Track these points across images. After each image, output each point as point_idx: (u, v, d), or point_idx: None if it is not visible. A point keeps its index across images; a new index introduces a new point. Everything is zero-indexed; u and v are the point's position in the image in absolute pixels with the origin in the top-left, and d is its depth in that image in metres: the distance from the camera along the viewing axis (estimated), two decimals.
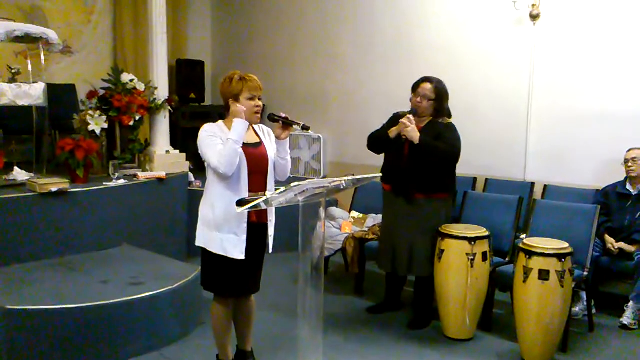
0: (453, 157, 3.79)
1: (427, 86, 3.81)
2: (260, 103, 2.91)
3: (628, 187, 4.31)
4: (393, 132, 3.81)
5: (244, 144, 2.82)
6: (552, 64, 4.90)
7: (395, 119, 3.88)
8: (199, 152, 2.89)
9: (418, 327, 3.95)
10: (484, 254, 3.71)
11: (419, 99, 3.81)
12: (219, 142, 2.81)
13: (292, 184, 2.33)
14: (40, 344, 3.18)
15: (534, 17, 4.85)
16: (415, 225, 3.83)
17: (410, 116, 3.75)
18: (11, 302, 3.22)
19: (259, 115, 2.93)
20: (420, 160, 3.73)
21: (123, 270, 3.95)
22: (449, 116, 3.90)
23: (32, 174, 4.56)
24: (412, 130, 3.69)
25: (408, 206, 3.84)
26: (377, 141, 3.95)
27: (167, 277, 3.78)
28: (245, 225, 2.84)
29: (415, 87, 3.86)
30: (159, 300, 3.54)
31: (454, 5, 5.44)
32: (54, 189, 4.11)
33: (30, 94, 4.51)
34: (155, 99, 5.34)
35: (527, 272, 3.39)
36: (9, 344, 3.16)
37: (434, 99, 3.80)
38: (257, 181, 2.89)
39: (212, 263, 2.90)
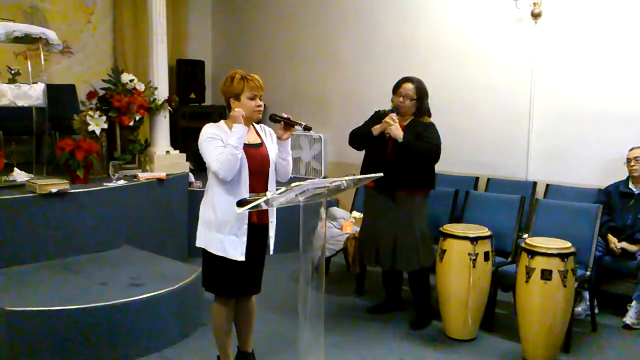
0: (435, 155, 3.85)
1: (409, 86, 3.87)
2: (261, 103, 2.90)
3: (630, 186, 4.29)
4: (376, 130, 3.85)
5: (245, 144, 2.81)
6: (553, 63, 4.88)
7: (377, 117, 3.94)
8: (200, 153, 2.88)
9: (420, 327, 3.94)
10: (486, 254, 3.70)
11: (401, 99, 3.87)
12: (220, 144, 2.79)
13: (293, 184, 2.31)
14: (40, 345, 3.17)
15: (535, 15, 4.83)
16: (398, 221, 3.85)
17: (394, 115, 3.81)
18: (11, 304, 3.20)
19: (259, 115, 2.92)
20: (403, 158, 3.77)
21: (123, 271, 3.94)
22: (429, 115, 3.97)
23: (31, 175, 4.55)
24: (395, 129, 3.75)
25: (390, 202, 3.88)
26: (360, 138, 4.00)
27: (168, 278, 3.77)
28: (246, 226, 2.83)
29: (397, 88, 3.92)
30: (160, 302, 3.53)
31: (455, 5, 5.43)
32: (53, 189, 4.09)
33: (30, 94, 4.50)
34: (155, 99, 5.33)
35: (529, 271, 3.37)
36: (9, 346, 3.14)
37: (415, 99, 3.86)
38: (258, 182, 2.88)
39: (213, 264, 2.89)
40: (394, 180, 3.80)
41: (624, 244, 4.11)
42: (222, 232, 2.83)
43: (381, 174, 2.99)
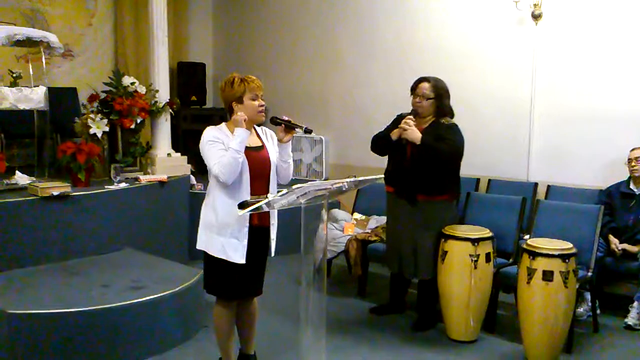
0: (455, 158, 3.78)
1: (425, 85, 3.81)
2: (263, 102, 2.91)
3: (631, 186, 4.29)
4: (394, 134, 3.81)
5: (246, 147, 2.81)
6: (554, 64, 4.88)
7: (398, 120, 3.87)
8: (202, 155, 2.88)
9: (422, 329, 3.93)
10: (488, 255, 3.70)
11: (418, 99, 3.81)
12: (221, 147, 2.80)
13: (294, 186, 2.32)
14: (42, 348, 3.17)
15: (535, 17, 4.83)
16: (418, 227, 3.82)
17: (410, 118, 3.74)
18: (13, 306, 3.20)
19: (262, 115, 2.92)
20: (423, 161, 3.72)
21: (125, 273, 3.94)
22: (452, 115, 3.88)
23: (33, 178, 4.55)
24: (412, 132, 3.69)
25: (411, 208, 3.83)
26: (380, 143, 3.95)
27: (169, 281, 3.77)
28: (247, 229, 2.83)
29: (414, 88, 3.86)
30: (161, 304, 3.53)
31: (455, 6, 5.43)
32: (55, 192, 4.10)
33: (32, 97, 4.52)
34: (156, 102, 5.34)
35: (531, 273, 3.37)
36: (11, 348, 3.15)
37: (433, 98, 3.79)
38: (259, 185, 2.89)
39: (214, 266, 2.89)
40: (412, 184, 3.77)
41: (625, 245, 4.11)
42: (223, 235, 2.83)
43: (382, 176, 2.98)
